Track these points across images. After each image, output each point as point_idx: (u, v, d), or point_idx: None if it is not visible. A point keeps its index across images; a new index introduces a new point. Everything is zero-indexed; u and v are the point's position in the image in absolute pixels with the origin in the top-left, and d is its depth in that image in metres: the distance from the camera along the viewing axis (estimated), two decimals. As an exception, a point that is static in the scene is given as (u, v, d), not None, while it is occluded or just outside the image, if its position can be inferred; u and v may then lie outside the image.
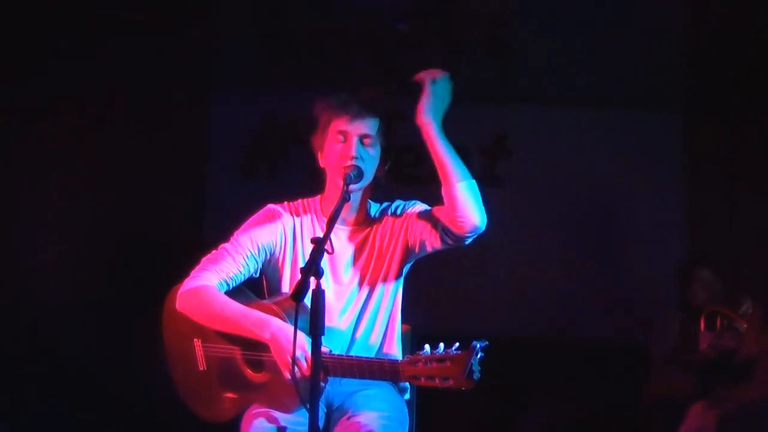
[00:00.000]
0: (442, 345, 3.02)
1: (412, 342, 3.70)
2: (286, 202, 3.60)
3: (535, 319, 7.04)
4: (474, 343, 2.93)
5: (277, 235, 3.51)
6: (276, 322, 3.29)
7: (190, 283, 3.47)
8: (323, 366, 3.10)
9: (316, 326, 2.91)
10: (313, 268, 2.92)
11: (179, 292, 3.50)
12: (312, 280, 2.92)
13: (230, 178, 7.26)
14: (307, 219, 3.54)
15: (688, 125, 7.37)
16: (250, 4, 6.18)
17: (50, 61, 6.24)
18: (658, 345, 5.89)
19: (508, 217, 7.19)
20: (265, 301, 3.47)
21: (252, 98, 7.25)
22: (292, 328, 3.04)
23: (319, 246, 3.00)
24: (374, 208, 3.60)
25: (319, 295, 2.92)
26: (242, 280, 3.51)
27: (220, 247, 3.52)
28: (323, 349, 3.03)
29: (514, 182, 7.33)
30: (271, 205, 3.58)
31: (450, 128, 7.08)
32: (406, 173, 7.02)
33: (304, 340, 3.14)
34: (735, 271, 6.50)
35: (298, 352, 3.13)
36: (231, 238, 3.53)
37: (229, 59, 6.83)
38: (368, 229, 3.54)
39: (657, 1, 5.93)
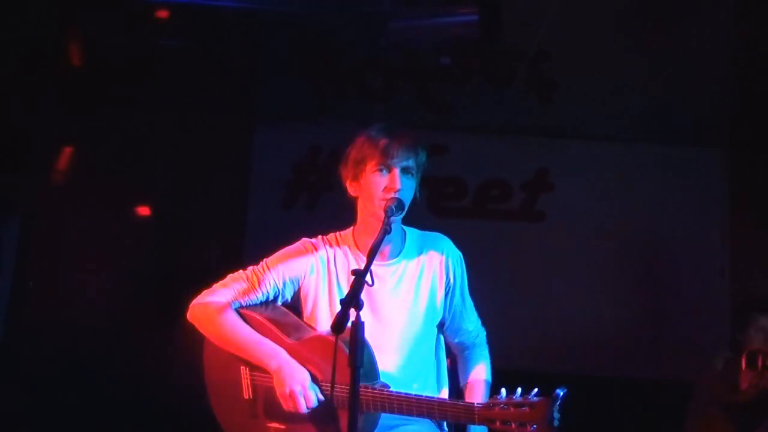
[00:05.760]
0: (519, 390, 3.01)
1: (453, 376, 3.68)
2: (320, 236, 3.62)
3: (575, 355, 6.98)
4: (557, 391, 2.92)
5: (307, 267, 3.53)
6: (284, 355, 3.34)
7: (206, 297, 3.53)
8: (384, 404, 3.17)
9: (355, 357, 2.91)
10: (353, 300, 2.93)
11: (192, 302, 3.56)
12: (352, 311, 2.93)
13: (271, 209, 7.28)
14: (340, 251, 3.55)
15: (733, 161, 7.31)
16: (295, 38, 6.23)
17: (97, 94, 6.36)
18: (701, 384, 5.81)
19: (548, 252, 7.16)
20: (323, 333, 3.45)
21: (295, 131, 7.28)
22: (297, 364, 3.27)
23: (359, 278, 3.00)
24: (412, 235, 3.60)
25: (358, 326, 2.93)
26: (258, 303, 3.53)
27: (248, 269, 3.56)
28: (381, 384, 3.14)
29: (556, 217, 7.29)
30: (305, 239, 3.61)
31: (492, 162, 7.04)
32: (445, 206, 7.02)
33: (305, 376, 3.26)
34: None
35: (297, 388, 3.23)
36: (260, 263, 3.57)
37: (274, 92, 6.88)
38: (407, 262, 3.54)
39: (701, 37, 5.91)
